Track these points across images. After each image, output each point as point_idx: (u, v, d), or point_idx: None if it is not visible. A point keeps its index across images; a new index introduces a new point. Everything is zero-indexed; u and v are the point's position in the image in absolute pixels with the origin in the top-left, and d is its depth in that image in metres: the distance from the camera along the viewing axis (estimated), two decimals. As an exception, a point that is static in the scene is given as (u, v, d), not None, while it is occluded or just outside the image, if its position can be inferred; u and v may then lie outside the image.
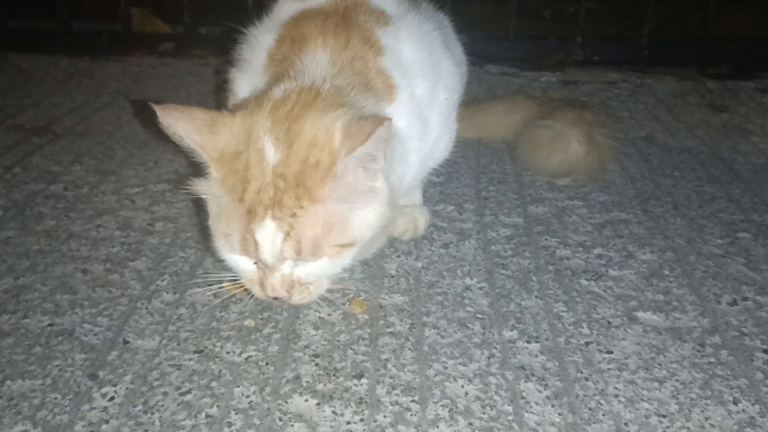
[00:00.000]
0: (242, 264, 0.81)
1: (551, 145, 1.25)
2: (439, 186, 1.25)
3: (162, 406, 0.72)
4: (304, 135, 0.74)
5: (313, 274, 0.80)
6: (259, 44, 0.91)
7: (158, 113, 0.73)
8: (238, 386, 0.75)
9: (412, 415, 0.72)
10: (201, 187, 0.79)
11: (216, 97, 1.66)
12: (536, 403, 0.74)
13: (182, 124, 0.74)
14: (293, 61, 0.84)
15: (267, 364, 0.79)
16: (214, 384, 0.76)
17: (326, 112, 0.75)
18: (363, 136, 0.71)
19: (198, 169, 0.80)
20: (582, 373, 0.78)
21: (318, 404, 0.73)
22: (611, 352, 0.82)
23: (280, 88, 0.79)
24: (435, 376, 0.77)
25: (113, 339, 0.83)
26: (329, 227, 0.75)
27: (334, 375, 0.77)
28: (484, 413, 0.72)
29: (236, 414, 0.71)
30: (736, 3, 2.31)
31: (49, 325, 0.85)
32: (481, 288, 0.94)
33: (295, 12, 0.93)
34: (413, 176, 0.97)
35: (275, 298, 0.81)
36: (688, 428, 0.71)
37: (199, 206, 1.13)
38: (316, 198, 0.73)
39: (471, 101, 1.33)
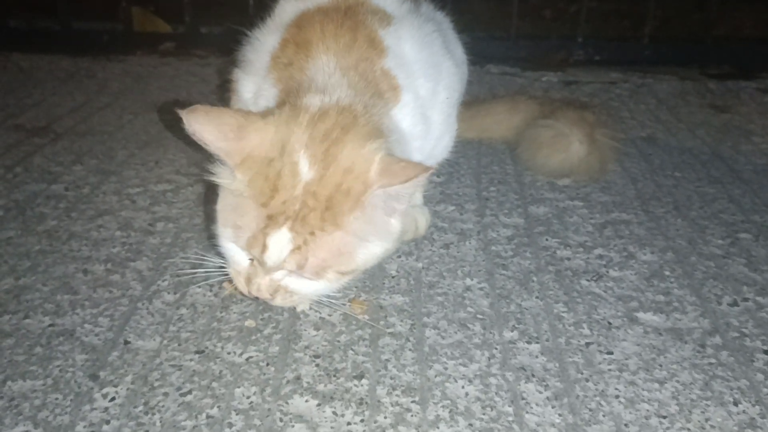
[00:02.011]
0: (237, 256, 0.81)
1: (552, 145, 1.25)
2: (440, 186, 1.25)
3: (163, 406, 0.72)
4: (342, 160, 0.74)
5: (302, 288, 0.80)
6: (262, 46, 0.91)
7: (184, 118, 0.72)
8: (238, 387, 0.75)
9: (412, 415, 0.72)
10: (223, 177, 0.78)
11: (218, 96, 1.66)
12: (536, 404, 0.74)
13: (208, 129, 0.74)
14: (301, 67, 0.84)
15: (268, 364, 0.79)
16: (214, 384, 0.76)
17: (365, 141, 0.75)
18: (403, 177, 0.72)
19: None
20: (582, 373, 0.78)
21: (318, 405, 0.73)
22: (612, 353, 0.82)
23: (314, 101, 0.79)
24: (435, 376, 0.77)
25: (114, 339, 0.83)
26: (339, 254, 0.76)
27: (334, 376, 0.77)
28: (484, 414, 0.72)
29: (237, 414, 0.71)
30: (737, 3, 2.31)
31: (50, 325, 0.85)
32: (481, 288, 0.94)
33: (297, 12, 0.93)
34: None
35: (256, 297, 0.81)
36: (689, 429, 0.71)
37: (200, 206, 1.13)
38: (340, 224, 0.74)
39: (472, 101, 1.33)
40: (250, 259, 0.80)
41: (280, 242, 0.75)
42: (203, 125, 0.74)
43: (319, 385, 0.76)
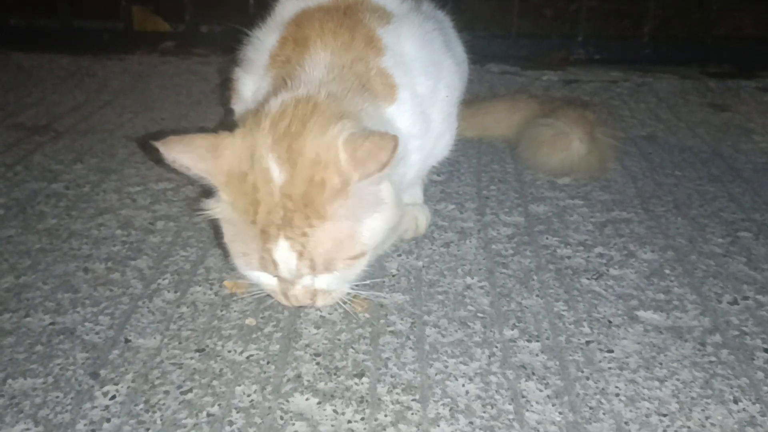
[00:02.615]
0: (263, 278, 0.82)
1: (553, 144, 1.25)
2: (440, 185, 1.25)
3: (163, 404, 0.72)
4: (306, 154, 0.73)
5: (331, 284, 0.81)
6: (262, 45, 0.92)
7: (161, 149, 0.73)
8: (239, 385, 0.75)
9: (413, 413, 0.72)
10: (214, 209, 0.79)
11: (219, 95, 1.67)
12: (537, 402, 0.74)
13: (186, 155, 0.74)
14: (295, 64, 0.84)
15: (268, 362, 0.79)
16: (215, 383, 0.76)
17: (325, 128, 0.74)
18: (377, 164, 0.71)
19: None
20: (583, 372, 0.78)
21: (319, 403, 0.73)
22: (612, 351, 0.82)
23: (277, 101, 0.78)
24: (436, 374, 0.77)
25: (115, 338, 0.83)
26: (339, 242, 0.76)
27: (335, 374, 0.77)
28: (484, 412, 0.72)
29: (237, 413, 0.71)
30: (737, 2, 2.31)
31: (51, 323, 0.85)
32: (481, 287, 0.94)
33: (297, 11, 0.93)
34: (414, 174, 0.97)
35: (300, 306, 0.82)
36: (689, 427, 0.71)
37: (200, 204, 1.13)
38: (324, 216, 0.73)
39: (472, 100, 1.33)
40: (275, 276, 0.80)
41: (284, 253, 0.75)
42: (180, 152, 0.74)
43: (319, 384, 0.76)
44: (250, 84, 0.93)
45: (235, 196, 0.75)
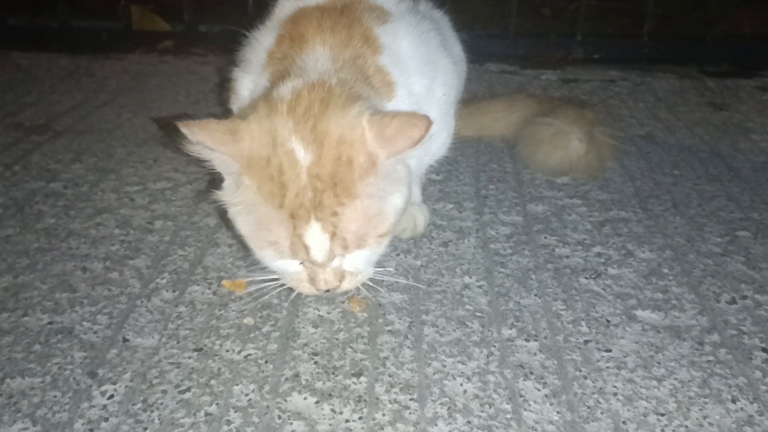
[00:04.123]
0: (288, 266, 0.82)
1: (552, 143, 1.25)
2: (439, 184, 1.25)
3: (161, 404, 0.72)
4: (331, 133, 0.74)
5: (358, 264, 0.81)
6: (260, 45, 0.92)
7: (184, 130, 0.73)
8: (237, 384, 0.75)
9: (410, 413, 0.72)
10: (230, 196, 0.78)
11: (218, 95, 1.67)
12: (535, 402, 0.74)
13: (208, 136, 0.74)
14: (294, 59, 0.85)
15: (266, 362, 0.79)
16: (213, 382, 0.76)
17: (346, 108, 0.75)
18: (408, 141, 0.72)
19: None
20: (581, 371, 0.78)
21: (317, 402, 0.73)
22: (610, 351, 0.82)
23: (288, 87, 0.79)
24: (434, 374, 0.77)
25: (113, 337, 0.83)
26: (368, 219, 0.77)
27: (333, 373, 0.77)
28: (482, 411, 0.72)
29: (235, 412, 0.71)
30: (736, 1, 2.31)
31: (49, 323, 0.85)
32: (480, 286, 0.94)
33: (294, 10, 0.93)
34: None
35: (326, 291, 0.82)
36: (687, 426, 0.71)
37: (199, 203, 1.13)
38: (354, 194, 0.74)
39: (471, 99, 1.33)
40: (300, 263, 0.80)
41: (316, 236, 0.75)
42: (201, 134, 0.74)
43: (317, 383, 0.76)
44: (248, 83, 0.93)
45: (259, 180, 0.75)
